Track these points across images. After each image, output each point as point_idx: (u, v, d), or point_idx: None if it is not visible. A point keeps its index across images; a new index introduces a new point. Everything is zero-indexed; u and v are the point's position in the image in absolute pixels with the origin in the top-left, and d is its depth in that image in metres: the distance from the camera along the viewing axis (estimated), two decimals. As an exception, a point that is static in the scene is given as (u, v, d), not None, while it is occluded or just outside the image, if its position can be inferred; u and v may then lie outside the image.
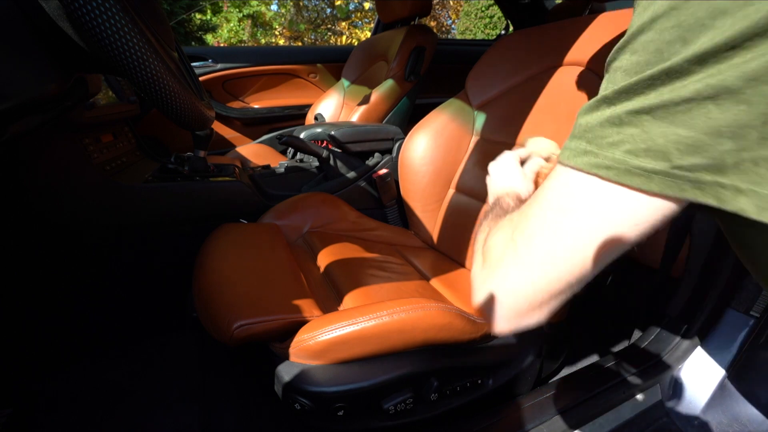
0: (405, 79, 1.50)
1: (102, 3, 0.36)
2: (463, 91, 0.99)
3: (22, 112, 0.45)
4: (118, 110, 0.96)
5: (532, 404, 0.61)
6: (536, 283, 0.29)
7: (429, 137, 0.95)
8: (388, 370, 0.54)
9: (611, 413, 0.60)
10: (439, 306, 0.57)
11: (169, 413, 0.77)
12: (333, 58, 1.95)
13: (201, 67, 1.71)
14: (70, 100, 0.54)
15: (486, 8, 8.74)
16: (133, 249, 0.88)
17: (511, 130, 0.85)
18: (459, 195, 0.94)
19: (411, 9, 1.54)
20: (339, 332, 0.52)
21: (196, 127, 0.53)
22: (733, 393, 0.63)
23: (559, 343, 0.72)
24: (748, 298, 0.62)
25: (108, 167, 0.84)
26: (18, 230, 0.74)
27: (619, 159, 0.24)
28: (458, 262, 0.90)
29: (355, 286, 0.71)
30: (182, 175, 0.94)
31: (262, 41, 9.49)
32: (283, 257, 0.74)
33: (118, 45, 0.39)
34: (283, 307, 0.59)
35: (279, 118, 1.89)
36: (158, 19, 0.58)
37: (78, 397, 0.80)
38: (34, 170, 0.71)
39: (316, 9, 10.46)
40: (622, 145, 0.24)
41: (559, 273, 0.28)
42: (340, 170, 1.15)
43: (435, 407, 0.59)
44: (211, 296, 0.60)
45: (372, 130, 1.22)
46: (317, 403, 0.52)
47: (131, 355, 0.91)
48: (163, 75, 0.43)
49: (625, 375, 0.64)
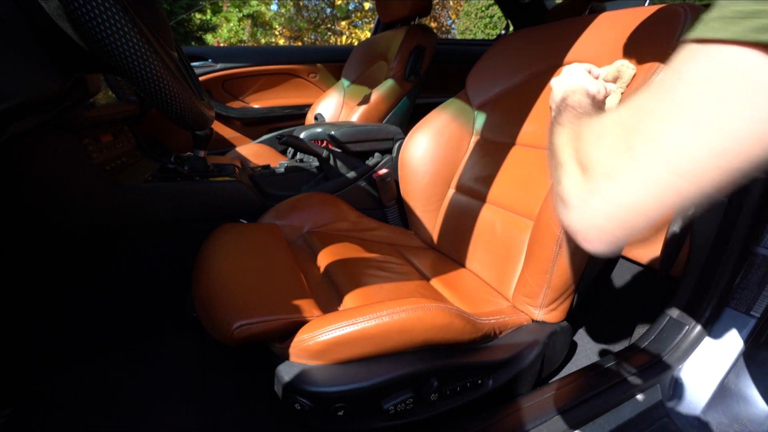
0: (405, 79, 1.50)
1: (102, 3, 0.36)
2: (463, 91, 0.99)
3: (22, 112, 0.45)
4: (118, 110, 0.95)
5: (532, 404, 0.61)
6: (661, 196, 0.24)
7: (429, 137, 0.95)
8: (388, 370, 0.54)
9: (611, 413, 0.60)
10: (440, 306, 0.57)
11: (169, 413, 0.77)
12: (333, 58, 1.95)
13: (201, 67, 1.70)
14: (69, 100, 0.54)
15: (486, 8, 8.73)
16: (133, 249, 0.87)
17: (511, 130, 0.85)
18: (459, 195, 0.94)
19: (411, 9, 1.54)
20: (339, 332, 0.52)
21: (196, 127, 0.53)
22: (734, 393, 0.63)
23: (559, 343, 0.72)
24: (748, 298, 0.62)
25: (108, 167, 0.84)
26: (18, 230, 0.74)
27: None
28: (458, 262, 0.90)
29: (355, 286, 0.71)
30: (182, 175, 0.94)
31: (262, 41, 9.49)
32: (283, 257, 0.74)
33: (118, 45, 0.39)
34: (283, 307, 0.59)
35: (279, 118, 1.89)
36: (158, 19, 0.58)
37: (78, 397, 0.80)
38: (33, 170, 0.71)
39: (316, 9, 10.46)
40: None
41: (696, 183, 0.23)
42: (340, 170, 1.15)
43: (435, 407, 0.59)
44: (211, 296, 0.60)
45: (372, 130, 1.22)
46: (317, 403, 0.52)
47: (131, 355, 0.91)
48: (162, 75, 0.43)
49: (625, 375, 0.64)
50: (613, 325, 0.89)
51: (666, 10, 0.63)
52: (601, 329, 0.92)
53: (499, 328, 0.66)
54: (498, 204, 0.83)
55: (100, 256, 0.84)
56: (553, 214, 0.64)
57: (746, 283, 0.62)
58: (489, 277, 0.82)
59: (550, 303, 0.68)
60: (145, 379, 0.85)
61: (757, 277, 0.61)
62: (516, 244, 0.76)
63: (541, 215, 0.67)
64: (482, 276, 0.84)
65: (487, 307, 0.72)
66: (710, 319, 0.65)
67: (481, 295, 0.77)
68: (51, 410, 0.77)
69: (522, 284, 0.72)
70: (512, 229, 0.78)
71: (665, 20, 0.62)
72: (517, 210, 0.78)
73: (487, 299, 0.76)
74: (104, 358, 0.89)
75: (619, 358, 0.67)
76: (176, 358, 0.91)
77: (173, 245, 0.91)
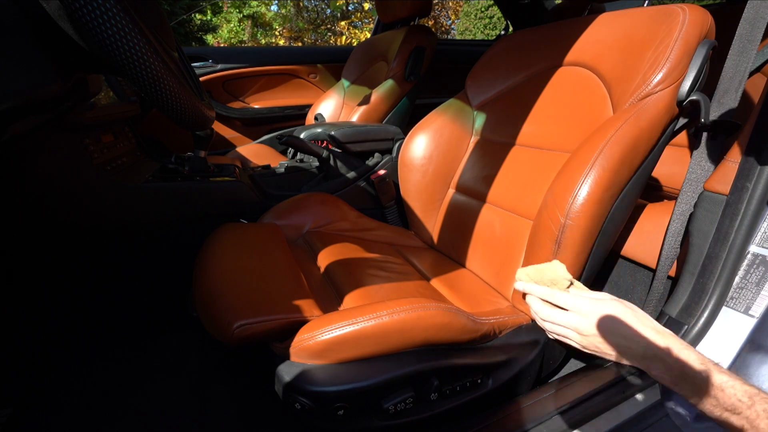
0: (405, 79, 1.50)
1: (102, 3, 0.37)
2: (463, 92, 1.00)
3: (22, 112, 0.45)
4: (119, 110, 0.96)
5: (532, 404, 0.61)
6: None
7: (429, 137, 0.95)
8: (388, 370, 0.54)
9: (611, 413, 0.60)
10: (439, 306, 0.57)
11: (169, 413, 0.77)
12: (333, 58, 1.96)
13: (201, 67, 1.71)
14: (70, 101, 0.54)
15: (486, 8, 8.74)
16: (133, 249, 0.88)
17: (511, 130, 0.85)
18: (459, 195, 0.94)
19: (411, 9, 1.54)
20: (339, 332, 0.52)
21: (196, 127, 0.54)
22: (733, 393, 0.63)
23: (560, 343, 0.72)
24: (747, 298, 0.62)
25: (108, 167, 0.84)
26: (18, 230, 0.74)
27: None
28: (458, 262, 0.91)
29: (356, 286, 0.71)
30: (182, 175, 0.94)
31: (262, 41, 9.50)
32: (284, 257, 0.74)
33: (119, 45, 0.39)
34: (284, 306, 0.59)
35: (279, 118, 1.89)
36: (158, 20, 0.58)
37: (78, 397, 0.80)
38: (34, 170, 0.71)
39: (315, 9, 10.47)
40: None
41: None
42: (340, 170, 1.16)
43: (435, 407, 0.59)
44: (212, 296, 0.60)
45: (372, 130, 1.22)
46: (317, 402, 0.52)
47: (131, 355, 0.91)
48: (163, 75, 0.43)
49: (625, 375, 0.64)
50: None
51: (665, 10, 0.64)
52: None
53: (499, 328, 0.66)
54: (497, 204, 0.83)
55: (100, 256, 0.85)
56: (551, 213, 0.64)
57: (745, 283, 0.63)
58: (488, 277, 0.82)
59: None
60: (145, 379, 0.85)
61: (755, 276, 0.62)
62: (515, 244, 0.76)
63: (540, 215, 0.67)
64: (482, 276, 0.84)
65: (487, 306, 0.72)
66: (709, 319, 0.65)
67: (481, 294, 0.78)
68: (51, 410, 0.77)
69: (521, 284, 0.72)
70: (512, 229, 0.78)
71: (664, 21, 0.62)
72: (517, 210, 0.78)
73: (486, 299, 0.76)
74: (104, 358, 0.89)
75: (618, 357, 0.67)
76: (176, 358, 0.91)
77: (173, 245, 0.91)
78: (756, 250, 0.61)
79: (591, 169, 0.60)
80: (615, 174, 0.60)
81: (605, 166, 0.59)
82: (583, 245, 0.63)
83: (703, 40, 0.60)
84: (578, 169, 0.61)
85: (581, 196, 0.60)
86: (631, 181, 0.62)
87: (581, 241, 0.62)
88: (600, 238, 0.64)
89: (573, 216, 0.60)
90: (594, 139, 0.63)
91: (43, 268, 0.80)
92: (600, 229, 0.63)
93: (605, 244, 0.67)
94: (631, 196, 0.64)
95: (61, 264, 0.81)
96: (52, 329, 0.85)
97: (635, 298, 0.85)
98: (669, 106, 0.60)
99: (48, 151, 0.72)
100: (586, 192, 0.59)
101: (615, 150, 0.59)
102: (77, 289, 0.85)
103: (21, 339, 0.82)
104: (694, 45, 0.59)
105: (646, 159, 0.63)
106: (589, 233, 0.62)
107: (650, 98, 0.61)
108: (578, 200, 0.60)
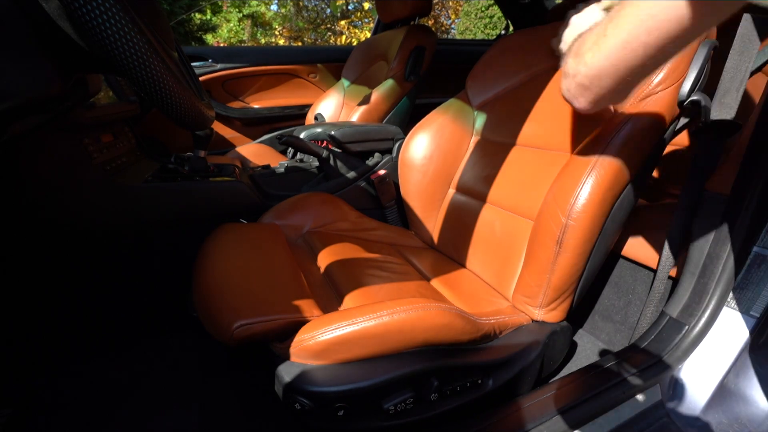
0: (405, 79, 1.50)
1: (102, 3, 0.36)
2: (463, 91, 0.99)
3: (22, 113, 0.45)
4: (118, 110, 0.95)
5: (532, 404, 0.60)
6: (617, 62, 0.34)
7: (429, 137, 0.95)
8: (388, 370, 0.54)
9: (611, 413, 0.60)
10: (440, 306, 0.57)
11: (169, 413, 0.77)
12: (333, 58, 1.95)
13: (201, 67, 1.70)
14: (70, 100, 0.54)
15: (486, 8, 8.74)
16: (133, 249, 0.87)
17: (511, 130, 0.85)
18: (459, 195, 0.94)
19: (411, 9, 1.54)
20: (339, 332, 0.52)
21: (196, 127, 0.53)
22: (734, 393, 0.63)
23: (559, 343, 0.72)
24: (748, 298, 0.62)
25: (108, 167, 0.84)
26: (18, 230, 0.74)
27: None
28: (458, 262, 0.90)
29: (356, 286, 0.71)
30: (182, 175, 0.94)
31: (262, 41, 9.49)
32: (284, 257, 0.74)
33: (118, 45, 0.39)
34: (284, 307, 0.59)
35: (279, 118, 1.89)
36: (158, 19, 0.58)
37: (78, 397, 0.80)
38: (34, 170, 0.71)
39: (315, 9, 10.46)
40: None
41: (636, 59, 0.33)
42: (340, 170, 1.15)
43: (435, 407, 0.59)
44: (212, 296, 0.60)
45: (372, 130, 1.22)
46: (317, 403, 0.52)
47: (131, 355, 0.91)
48: (163, 75, 0.43)
49: (625, 375, 0.64)
50: (613, 325, 0.90)
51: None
52: (601, 329, 0.92)
53: (499, 328, 0.66)
54: (498, 204, 0.83)
55: (100, 256, 0.84)
56: (553, 213, 0.64)
57: (745, 283, 0.62)
58: (489, 277, 0.82)
59: (549, 303, 0.68)
60: (145, 379, 0.85)
61: (756, 276, 0.61)
62: (516, 244, 0.76)
63: (541, 215, 0.67)
64: (482, 276, 0.84)
65: (487, 307, 0.72)
66: (710, 319, 0.65)
67: (481, 295, 0.78)
68: (51, 410, 0.77)
69: (522, 284, 0.72)
70: (512, 229, 0.78)
71: (665, 20, 0.62)
72: (517, 210, 0.78)
73: (487, 299, 0.76)
74: (104, 358, 0.89)
75: (618, 358, 0.67)
76: (176, 358, 0.90)
77: (173, 245, 0.91)
78: (757, 251, 0.61)
79: (592, 169, 0.60)
80: (616, 174, 0.60)
81: (606, 166, 0.59)
82: (584, 245, 0.63)
83: (704, 41, 0.60)
84: (580, 169, 0.61)
85: (583, 197, 0.60)
86: (632, 181, 0.62)
87: (583, 241, 0.62)
88: (601, 238, 0.64)
89: (574, 216, 0.60)
90: (595, 139, 0.63)
91: (43, 268, 0.80)
92: (601, 230, 0.63)
93: (606, 244, 0.67)
94: (632, 197, 0.64)
95: (61, 264, 0.81)
96: (52, 329, 0.85)
97: (636, 299, 0.85)
98: (670, 106, 0.60)
99: (47, 151, 0.72)
100: (587, 192, 0.59)
101: (616, 151, 0.59)
102: (76, 289, 0.85)
103: (21, 339, 0.82)
104: (694, 45, 0.59)
105: (647, 159, 0.63)
106: (591, 233, 0.62)
107: (651, 98, 0.61)
108: (580, 200, 0.60)
